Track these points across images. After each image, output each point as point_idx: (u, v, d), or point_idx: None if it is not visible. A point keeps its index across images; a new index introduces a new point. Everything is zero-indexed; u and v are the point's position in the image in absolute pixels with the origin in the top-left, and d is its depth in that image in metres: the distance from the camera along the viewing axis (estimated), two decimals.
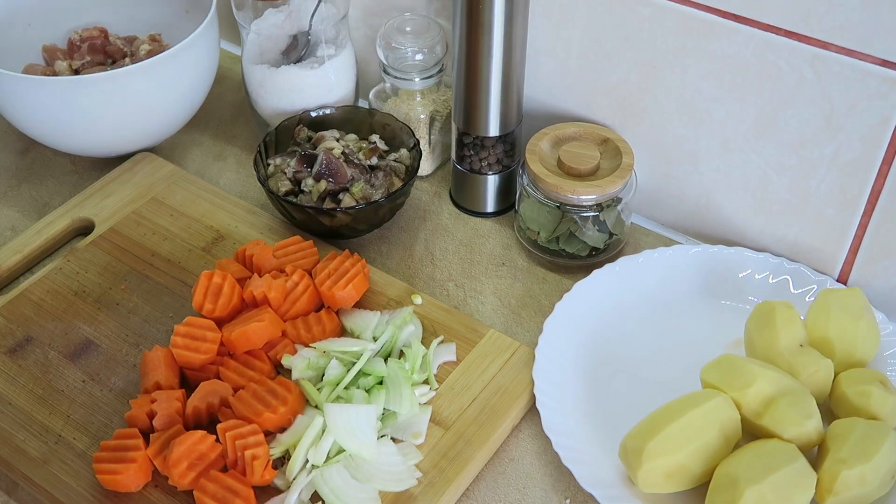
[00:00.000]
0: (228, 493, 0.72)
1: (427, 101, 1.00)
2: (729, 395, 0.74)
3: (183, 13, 1.10)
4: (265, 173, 0.95)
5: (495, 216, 1.00)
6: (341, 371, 0.80)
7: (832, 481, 0.70)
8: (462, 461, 0.76)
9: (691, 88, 0.88)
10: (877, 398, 0.75)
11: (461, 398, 0.81)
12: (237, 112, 1.15)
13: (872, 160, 0.82)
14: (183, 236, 0.96)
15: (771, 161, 0.88)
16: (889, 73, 0.77)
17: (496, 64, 0.89)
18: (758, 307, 0.81)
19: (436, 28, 0.99)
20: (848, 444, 0.71)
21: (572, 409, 0.80)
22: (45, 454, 0.78)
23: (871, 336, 0.79)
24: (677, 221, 0.98)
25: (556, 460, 0.79)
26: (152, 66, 0.94)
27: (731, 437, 0.73)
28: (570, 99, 0.97)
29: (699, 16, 0.84)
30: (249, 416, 0.76)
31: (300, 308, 0.85)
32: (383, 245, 0.97)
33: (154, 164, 1.03)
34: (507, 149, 0.96)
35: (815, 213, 0.88)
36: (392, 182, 0.94)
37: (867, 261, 0.87)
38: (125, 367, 0.84)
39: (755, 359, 0.80)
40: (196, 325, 0.82)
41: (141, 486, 0.75)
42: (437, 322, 0.86)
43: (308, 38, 1.01)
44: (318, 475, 0.74)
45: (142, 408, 0.77)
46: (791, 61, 0.81)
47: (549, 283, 0.93)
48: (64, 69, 1.05)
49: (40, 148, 1.09)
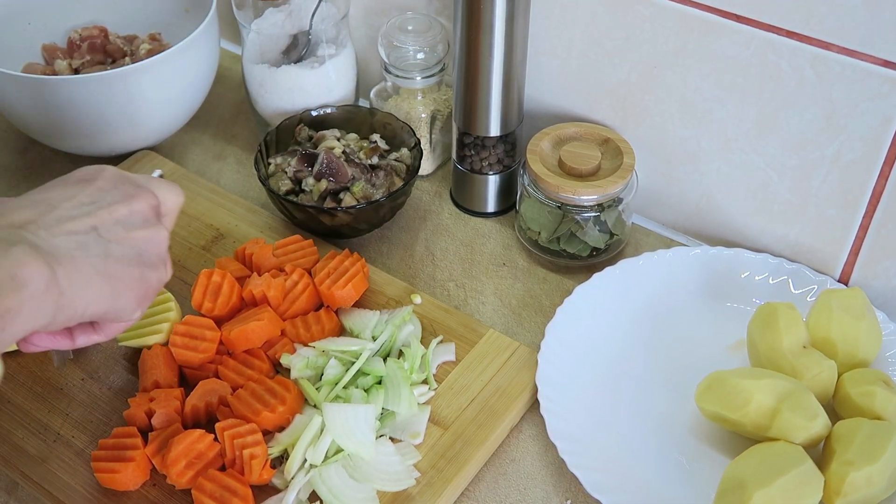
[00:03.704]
0: (226, 492, 0.72)
1: (428, 100, 1.00)
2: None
3: (183, 12, 1.10)
4: (266, 172, 0.95)
5: (496, 216, 1.00)
6: (340, 370, 0.80)
7: (840, 483, 0.70)
8: (460, 461, 0.76)
9: (692, 88, 0.88)
10: (881, 398, 0.74)
11: (460, 398, 0.81)
12: (237, 111, 1.14)
13: (874, 160, 0.82)
14: (183, 234, 0.95)
15: (772, 161, 0.88)
16: (890, 73, 0.77)
17: (497, 64, 0.89)
18: (760, 309, 0.81)
19: (437, 27, 0.99)
20: (854, 446, 0.71)
21: (577, 414, 0.80)
22: (44, 452, 0.78)
23: (872, 336, 0.79)
24: (678, 221, 0.98)
25: (558, 462, 0.78)
26: (152, 65, 0.94)
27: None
28: (571, 99, 0.97)
29: (700, 16, 0.84)
30: (248, 416, 0.76)
31: (299, 307, 0.85)
32: (384, 245, 0.97)
33: (154, 162, 1.03)
34: (507, 149, 0.96)
35: (816, 214, 0.88)
36: (393, 181, 0.94)
37: (868, 261, 0.87)
38: (124, 366, 0.84)
39: (750, 365, 0.81)
40: (195, 324, 0.82)
41: (139, 484, 0.75)
42: (436, 322, 0.86)
43: (308, 38, 1.01)
44: (317, 475, 0.74)
45: (140, 406, 0.77)
46: (792, 61, 0.81)
47: (549, 283, 0.93)
48: (64, 68, 1.05)
49: (40, 147, 1.09)
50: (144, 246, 0.66)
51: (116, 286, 0.64)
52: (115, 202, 0.65)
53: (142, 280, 0.66)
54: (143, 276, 0.66)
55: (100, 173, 0.67)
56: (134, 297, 0.65)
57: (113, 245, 0.64)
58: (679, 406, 0.80)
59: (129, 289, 0.65)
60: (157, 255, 0.67)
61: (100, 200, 0.65)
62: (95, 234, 0.63)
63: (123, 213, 0.65)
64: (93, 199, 0.65)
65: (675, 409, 0.80)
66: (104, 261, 0.63)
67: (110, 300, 0.63)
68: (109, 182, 0.67)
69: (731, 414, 0.74)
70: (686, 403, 0.79)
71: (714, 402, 0.75)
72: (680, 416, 0.80)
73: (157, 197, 0.69)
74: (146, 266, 0.66)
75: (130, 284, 0.65)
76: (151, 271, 0.66)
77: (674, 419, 0.80)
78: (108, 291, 0.63)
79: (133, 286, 0.65)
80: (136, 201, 0.67)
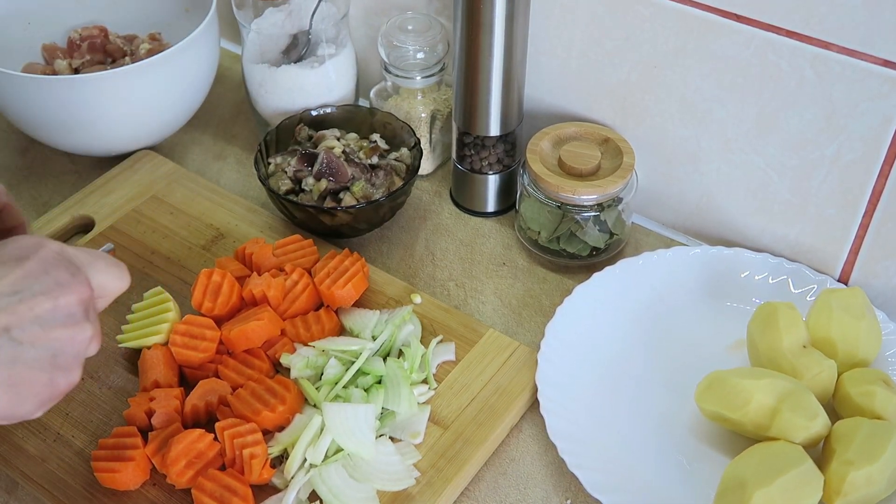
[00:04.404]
0: (226, 491, 0.71)
1: (428, 99, 1.00)
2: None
3: (183, 12, 1.10)
4: (266, 172, 0.95)
5: (496, 216, 1.00)
6: (340, 370, 0.80)
7: (840, 483, 0.70)
8: (460, 461, 0.76)
9: (692, 88, 0.88)
10: (881, 398, 0.74)
11: (460, 398, 0.81)
12: (237, 111, 1.14)
13: (874, 160, 0.82)
14: (183, 234, 0.95)
15: (772, 161, 0.88)
16: (890, 73, 0.77)
17: (497, 63, 0.89)
18: (760, 308, 0.81)
19: (437, 27, 0.99)
20: (854, 445, 0.71)
21: (577, 413, 0.80)
22: (44, 452, 0.78)
23: (872, 336, 0.79)
24: (678, 221, 0.98)
25: (557, 461, 0.78)
26: (152, 65, 0.94)
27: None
28: (571, 99, 0.97)
29: (700, 16, 0.84)
30: (248, 415, 0.76)
31: (299, 307, 0.85)
32: (384, 244, 0.97)
33: (154, 162, 1.03)
34: (507, 148, 0.96)
35: (816, 213, 0.88)
36: (393, 181, 0.94)
37: (868, 260, 0.87)
38: (124, 366, 0.84)
39: (750, 365, 0.81)
40: (195, 324, 0.82)
41: (139, 484, 0.75)
42: (436, 321, 0.86)
43: (308, 37, 1.01)
44: (317, 474, 0.74)
45: (140, 406, 0.77)
46: (792, 61, 0.81)
47: (549, 282, 0.93)
48: (64, 68, 1.05)
49: (40, 147, 1.09)
50: (61, 347, 0.59)
51: (20, 392, 0.58)
52: (41, 293, 0.58)
53: (50, 385, 0.59)
54: (52, 381, 0.59)
55: (36, 251, 0.59)
56: (38, 402, 0.59)
57: (25, 347, 0.57)
58: (679, 406, 0.80)
59: (33, 394, 0.59)
60: (73, 357, 0.60)
61: (24, 290, 0.58)
62: (7, 336, 0.57)
63: (46, 308, 0.58)
64: (15, 289, 0.58)
65: (675, 409, 0.80)
66: (10, 368, 0.57)
67: (9, 408, 0.58)
68: (42, 265, 0.59)
69: (731, 414, 0.74)
70: (686, 403, 0.79)
71: (714, 402, 0.75)
72: (680, 416, 0.80)
73: (91, 289, 0.61)
74: (58, 369, 0.59)
75: (36, 389, 0.59)
76: (62, 375, 0.60)
77: (674, 419, 0.80)
78: (8, 399, 0.57)
79: (38, 391, 0.59)
80: (64, 295, 0.59)
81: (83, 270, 0.61)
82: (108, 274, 0.63)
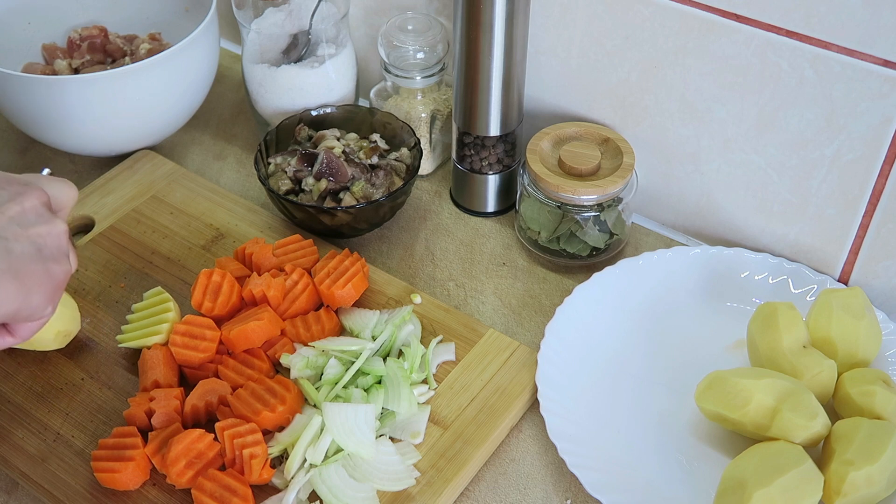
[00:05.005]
0: (226, 491, 0.72)
1: (428, 99, 1.00)
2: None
3: (183, 12, 1.10)
4: (266, 172, 0.95)
5: (496, 216, 1.00)
6: (340, 370, 0.80)
7: (840, 483, 0.70)
8: (460, 461, 0.76)
9: (692, 88, 0.88)
10: (881, 398, 0.74)
11: (460, 398, 0.81)
12: (237, 111, 1.15)
13: (874, 160, 0.82)
14: (183, 234, 0.95)
15: (772, 161, 0.88)
16: (890, 73, 0.77)
17: (497, 63, 0.89)
18: (760, 308, 0.81)
19: (437, 27, 0.99)
20: (854, 445, 0.71)
21: (577, 414, 0.80)
22: (44, 452, 0.78)
23: (872, 336, 0.79)
24: (678, 221, 0.98)
25: (557, 461, 0.78)
26: (152, 65, 0.94)
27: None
28: (571, 98, 0.97)
29: (700, 15, 0.84)
30: (248, 415, 0.76)
31: (299, 307, 0.85)
32: (384, 244, 0.97)
33: (154, 161, 1.03)
34: (507, 148, 0.96)
35: (816, 213, 0.88)
36: (393, 181, 0.94)
37: (868, 260, 0.87)
38: (124, 366, 0.84)
39: (750, 365, 0.81)
40: (195, 324, 0.82)
41: (139, 484, 0.75)
42: (436, 321, 0.86)
43: (308, 37, 1.01)
44: (317, 474, 0.74)
45: (140, 406, 0.77)
46: (792, 61, 0.81)
47: (549, 282, 0.93)
48: (64, 68, 1.05)
49: (40, 147, 1.09)
50: (43, 241, 0.66)
51: (24, 283, 0.64)
52: (5, 202, 0.66)
53: (48, 275, 0.66)
54: (48, 271, 0.66)
55: None
56: (44, 292, 0.66)
57: (12, 243, 0.64)
58: (679, 406, 0.80)
59: (37, 285, 0.65)
60: (57, 249, 0.67)
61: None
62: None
63: (16, 211, 0.66)
64: None
65: (675, 408, 0.80)
66: (6, 259, 0.63)
67: (21, 298, 0.64)
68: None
69: (731, 413, 0.74)
70: (686, 403, 0.79)
71: (714, 402, 0.75)
72: (680, 415, 0.80)
73: (46, 193, 0.69)
74: (49, 260, 0.66)
75: (38, 280, 0.65)
76: (56, 265, 0.67)
77: (674, 419, 0.80)
78: (16, 289, 0.63)
79: (41, 282, 0.65)
80: (25, 198, 0.67)
81: (32, 183, 0.69)
82: (56, 184, 0.71)
